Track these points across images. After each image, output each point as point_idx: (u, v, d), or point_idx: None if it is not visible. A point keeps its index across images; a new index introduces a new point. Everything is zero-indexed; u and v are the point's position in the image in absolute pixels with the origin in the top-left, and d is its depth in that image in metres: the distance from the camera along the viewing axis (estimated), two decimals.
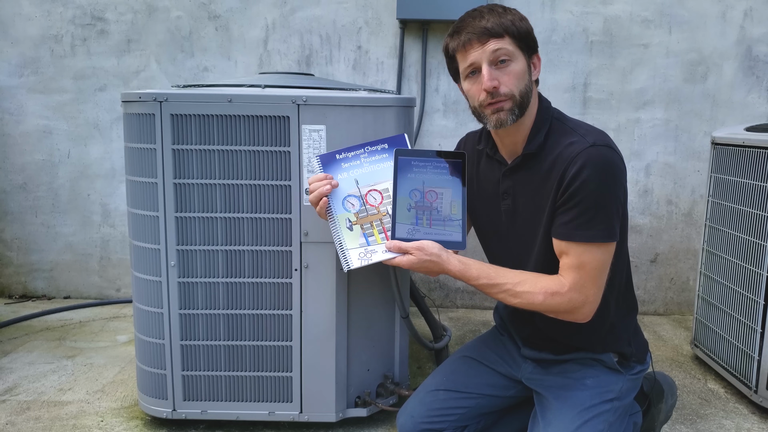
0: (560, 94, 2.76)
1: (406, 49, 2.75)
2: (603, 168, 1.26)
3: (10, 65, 2.81)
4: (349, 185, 1.47)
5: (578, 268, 1.29)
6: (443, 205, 1.38)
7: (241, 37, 2.77)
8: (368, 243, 1.41)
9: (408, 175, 1.39)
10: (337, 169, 1.48)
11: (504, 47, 1.29)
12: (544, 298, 1.30)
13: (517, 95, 1.31)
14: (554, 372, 1.48)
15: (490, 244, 1.54)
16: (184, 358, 1.70)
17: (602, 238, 1.28)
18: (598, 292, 1.32)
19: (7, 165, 2.88)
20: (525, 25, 1.33)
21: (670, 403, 1.66)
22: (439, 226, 1.37)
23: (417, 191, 1.39)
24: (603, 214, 1.27)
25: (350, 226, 1.43)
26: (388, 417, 1.86)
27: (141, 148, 1.63)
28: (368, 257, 1.39)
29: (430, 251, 1.32)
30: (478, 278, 1.34)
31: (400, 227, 1.37)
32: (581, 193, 1.26)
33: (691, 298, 2.88)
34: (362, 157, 1.49)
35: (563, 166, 1.28)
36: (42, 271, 2.98)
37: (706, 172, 2.30)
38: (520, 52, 1.32)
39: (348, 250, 1.40)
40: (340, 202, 1.45)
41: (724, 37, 2.72)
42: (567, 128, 1.35)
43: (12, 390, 2.03)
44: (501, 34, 1.29)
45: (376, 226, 1.43)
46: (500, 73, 1.31)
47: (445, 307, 2.95)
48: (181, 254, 1.65)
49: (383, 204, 1.45)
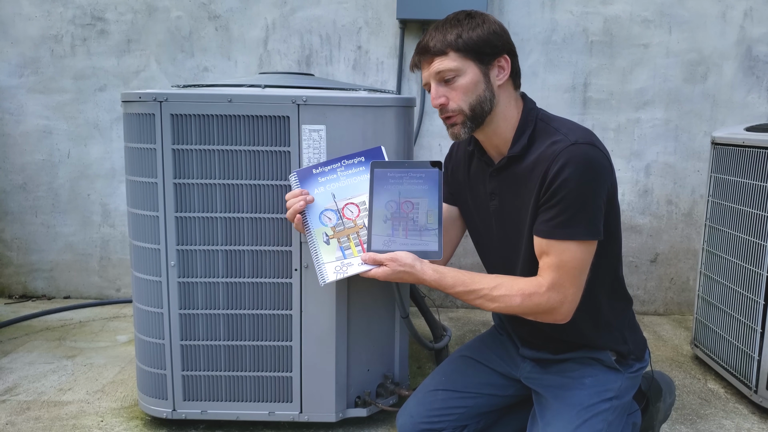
0: (560, 94, 2.76)
1: (406, 49, 2.75)
2: (584, 165, 1.25)
3: (10, 65, 2.81)
4: (326, 199, 1.47)
5: (558, 266, 1.28)
6: (419, 215, 1.37)
7: (241, 37, 2.78)
8: (345, 256, 1.41)
9: (384, 187, 1.39)
10: (314, 183, 1.48)
11: (446, 66, 1.30)
12: (522, 299, 1.30)
13: (467, 109, 1.32)
14: (553, 371, 1.48)
15: (482, 245, 1.55)
16: (184, 358, 1.70)
17: (583, 235, 1.27)
18: (578, 291, 1.31)
19: (7, 165, 2.89)
20: (476, 34, 1.30)
21: (668, 402, 1.66)
22: (415, 237, 1.36)
23: (393, 202, 1.38)
24: (584, 212, 1.26)
25: (327, 240, 1.43)
26: (388, 417, 1.86)
27: (141, 148, 1.63)
28: (344, 270, 1.39)
29: (403, 262, 1.32)
30: (453, 286, 1.34)
31: (375, 239, 1.37)
32: (562, 190, 1.25)
33: (691, 298, 2.88)
34: (339, 171, 1.49)
35: (545, 165, 1.28)
36: (42, 271, 2.98)
37: (706, 172, 2.30)
38: (470, 63, 1.31)
39: (324, 264, 1.41)
40: (317, 217, 1.45)
41: (724, 37, 2.72)
42: (551, 128, 1.34)
43: (12, 390, 2.03)
44: (443, 52, 1.30)
45: (353, 239, 1.43)
46: (448, 89, 1.32)
47: (445, 307, 2.95)
48: (181, 254, 1.65)
49: (360, 217, 1.45)
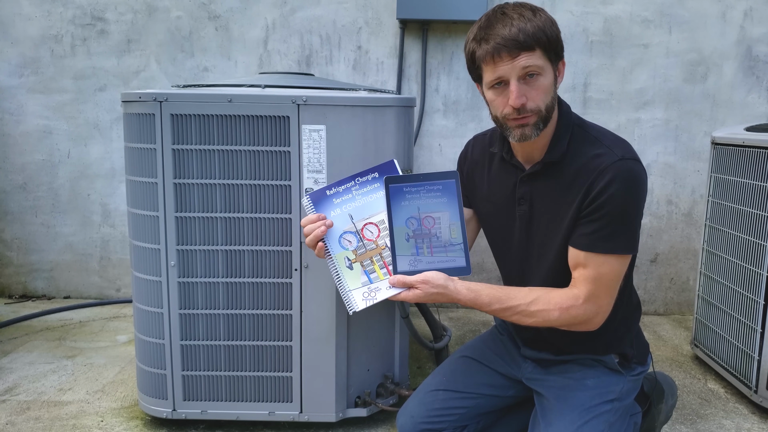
0: (560, 94, 2.73)
1: (406, 49, 2.75)
2: (630, 183, 1.25)
3: (10, 65, 2.81)
4: (344, 221, 1.38)
5: (595, 279, 1.28)
6: (442, 230, 1.32)
7: (241, 37, 2.77)
8: (370, 281, 1.34)
9: (402, 203, 1.32)
10: (329, 205, 1.40)
11: (534, 63, 1.22)
12: (560, 313, 1.29)
13: (543, 110, 1.27)
14: (555, 372, 1.48)
15: (500, 249, 1.52)
16: (184, 358, 1.70)
17: (623, 250, 1.28)
18: (611, 302, 1.32)
19: (7, 165, 2.88)
20: (555, 30, 1.25)
21: (670, 403, 1.66)
22: (441, 254, 1.31)
23: (413, 219, 1.32)
24: (626, 227, 1.27)
25: (350, 264, 1.36)
26: (388, 417, 1.86)
27: (141, 148, 1.63)
28: (372, 296, 1.32)
29: (436, 283, 1.27)
30: (489, 304, 1.31)
31: (401, 260, 1.30)
32: (608, 206, 1.25)
33: (691, 298, 2.88)
34: (353, 190, 1.40)
35: (590, 178, 1.27)
36: (42, 271, 2.98)
37: (706, 172, 2.30)
38: (549, 63, 1.25)
39: (351, 291, 1.33)
40: (337, 241, 1.37)
41: (724, 37, 2.72)
42: (590, 137, 1.33)
43: (12, 390, 2.03)
44: (532, 47, 1.21)
45: (377, 261, 1.36)
46: (528, 88, 1.24)
47: (445, 307, 2.94)
48: (181, 254, 1.65)
49: (381, 237, 1.38)
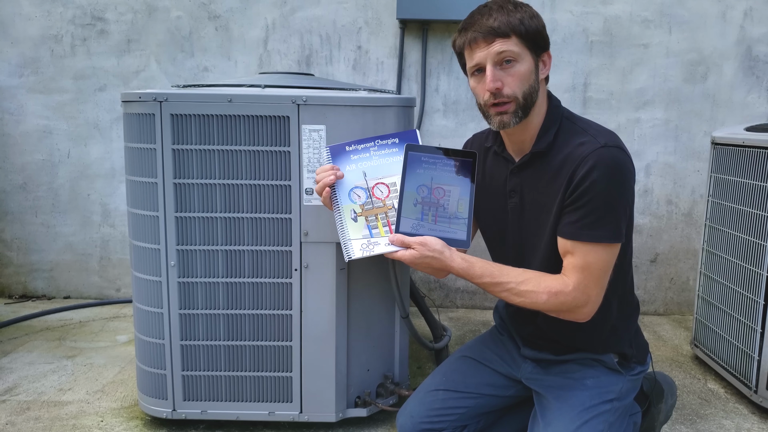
0: (560, 94, 2.76)
1: (406, 49, 2.75)
2: (613, 169, 1.25)
3: (10, 65, 2.81)
4: (357, 177, 1.45)
5: (583, 268, 1.28)
6: (450, 202, 1.36)
7: (241, 37, 2.77)
8: (371, 235, 1.39)
9: (417, 171, 1.37)
10: (346, 160, 1.47)
11: (509, 49, 1.27)
12: (548, 297, 1.30)
13: (521, 97, 1.30)
14: (554, 372, 1.48)
15: (495, 243, 1.54)
16: (184, 358, 1.70)
17: (608, 238, 1.28)
18: (601, 292, 1.32)
19: (7, 165, 2.88)
20: (535, 23, 1.30)
21: (670, 403, 1.66)
22: (444, 224, 1.35)
23: (425, 187, 1.36)
24: (610, 215, 1.27)
25: (355, 217, 1.41)
26: (388, 417, 1.86)
27: (141, 148, 1.63)
28: (370, 249, 1.37)
29: (432, 247, 1.30)
30: (481, 276, 1.33)
31: (404, 221, 1.35)
32: (590, 193, 1.26)
33: (691, 298, 2.88)
34: (372, 150, 1.48)
35: (573, 166, 1.28)
36: (42, 271, 2.98)
37: (706, 172, 2.30)
38: (527, 51, 1.30)
39: (350, 240, 1.39)
40: (347, 193, 1.44)
41: (724, 37, 2.72)
42: (577, 128, 1.34)
43: (12, 390, 2.03)
44: (507, 34, 1.27)
45: (381, 219, 1.41)
46: (504, 73, 1.29)
47: (445, 307, 2.94)
48: (181, 254, 1.65)
49: (389, 198, 1.43)
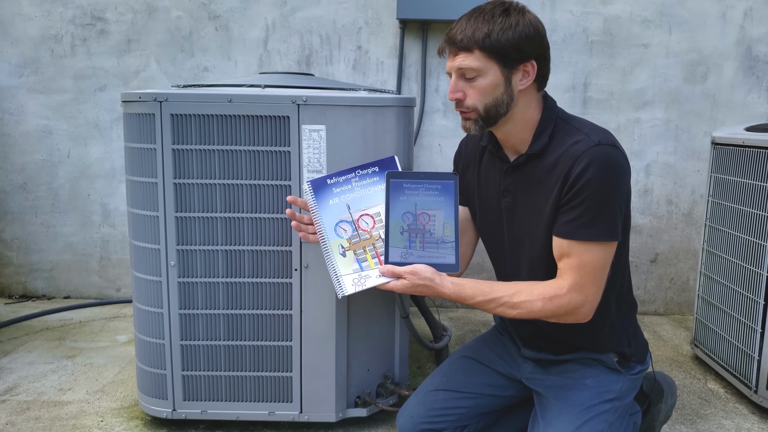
0: (560, 94, 2.76)
1: (406, 49, 2.75)
2: (607, 167, 1.25)
3: (10, 65, 2.81)
4: (341, 210, 1.46)
5: (579, 267, 1.28)
6: (436, 227, 1.37)
7: (241, 37, 2.77)
8: (362, 268, 1.41)
9: (400, 198, 1.38)
10: (329, 194, 1.47)
11: (469, 65, 1.28)
12: (543, 303, 1.29)
13: (482, 110, 1.31)
14: (554, 372, 1.48)
15: (492, 246, 1.54)
16: (184, 358, 1.70)
17: (605, 237, 1.28)
18: (598, 291, 1.31)
19: (7, 165, 2.88)
20: (507, 35, 1.26)
21: (669, 403, 1.66)
22: (432, 249, 1.36)
23: (409, 214, 1.37)
24: (606, 213, 1.27)
25: (343, 252, 1.42)
26: (388, 417, 1.86)
27: (141, 148, 1.63)
28: (362, 283, 1.39)
29: (423, 275, 1.31)
30: (473, 296, 1.33)
31: (393, 251, 1.36)
32: (585, 191, 1.25)
33: (691, 298, 2.88)
34: (353, 182, 1.48)
35: (567, 165, 1.28)
36: (42, 271, 2.98)
37: (706, 172, 2.30)
38: (493, 64, 1.28)
39: (341, 277, 1.40)
40: (333, 228, 1.44)
41: (724, 37, 2.72)
42: (571, 128, 1.34)
43: (12, 390, 2.03)
44: (469, 48, 1.27)
45: (369, 251, 1.42)
46: (467, 85, 1.31)
47: (445, 307, 2.94)
48: (181, 254, 1.65)
49: (375, 228, 1.44)
